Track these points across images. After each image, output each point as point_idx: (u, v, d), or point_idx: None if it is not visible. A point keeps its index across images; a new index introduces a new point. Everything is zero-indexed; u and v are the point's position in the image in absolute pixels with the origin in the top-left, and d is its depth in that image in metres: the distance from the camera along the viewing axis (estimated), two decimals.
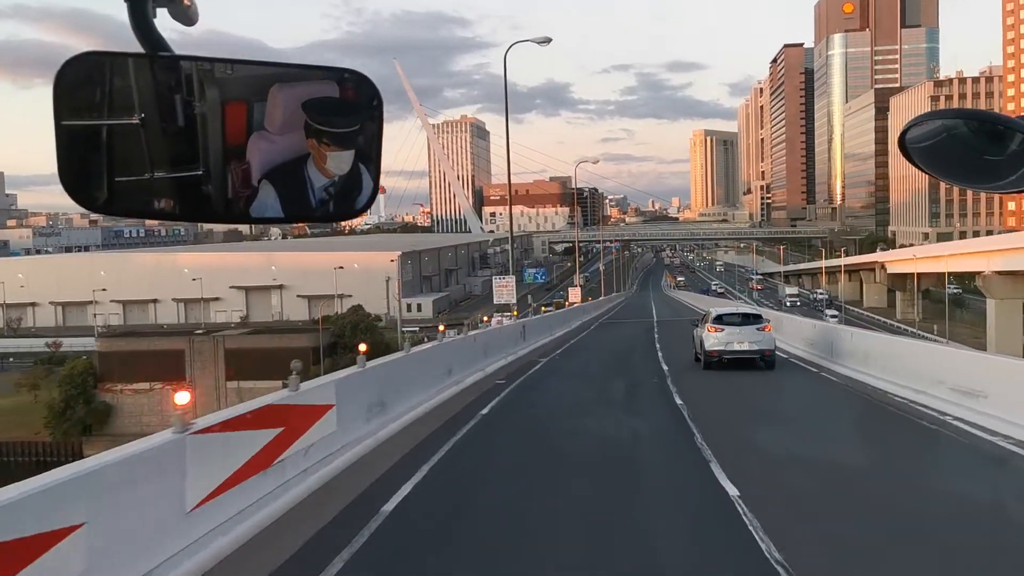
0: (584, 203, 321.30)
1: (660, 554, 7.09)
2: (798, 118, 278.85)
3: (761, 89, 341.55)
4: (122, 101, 1.45)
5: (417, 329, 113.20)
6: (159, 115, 1.45)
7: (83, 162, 1.46)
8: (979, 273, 73.01)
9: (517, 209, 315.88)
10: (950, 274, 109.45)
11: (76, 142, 1.45)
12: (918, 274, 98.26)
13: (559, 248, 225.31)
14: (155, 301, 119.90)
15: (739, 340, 20.62)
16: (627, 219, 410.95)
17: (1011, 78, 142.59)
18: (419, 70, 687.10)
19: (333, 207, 1.55)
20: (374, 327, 72.24)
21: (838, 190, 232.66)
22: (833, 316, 79.52)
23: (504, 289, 35.36)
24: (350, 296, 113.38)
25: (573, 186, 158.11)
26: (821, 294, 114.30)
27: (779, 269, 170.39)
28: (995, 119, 1.47)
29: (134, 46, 1.49)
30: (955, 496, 8.70)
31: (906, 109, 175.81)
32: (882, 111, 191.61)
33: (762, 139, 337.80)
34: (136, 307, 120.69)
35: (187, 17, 1.59)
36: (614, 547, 7.20)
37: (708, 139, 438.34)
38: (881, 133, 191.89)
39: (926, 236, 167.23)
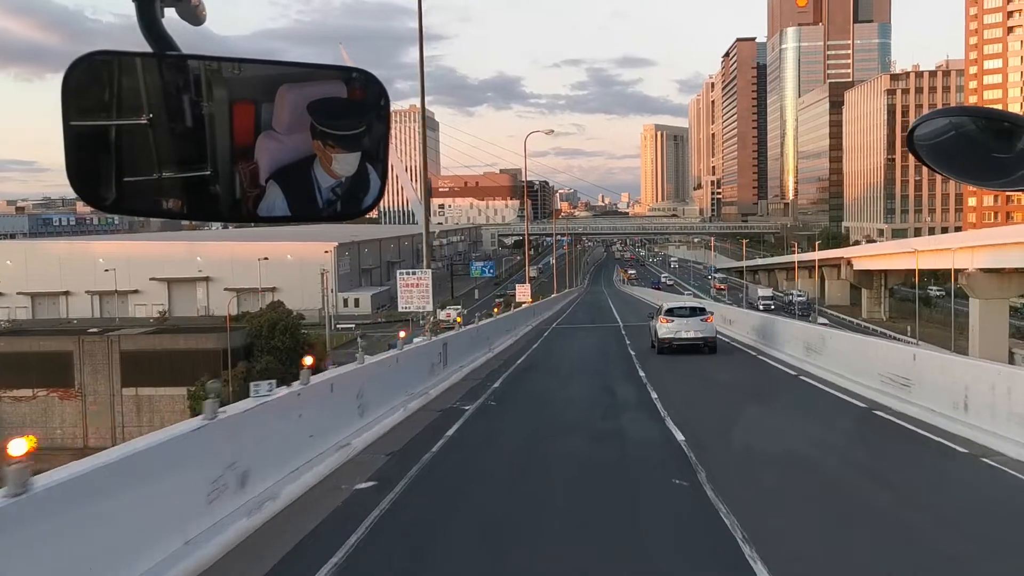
0: (534, 196, 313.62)
1: None
2: (750, 113, 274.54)
3: (713, 84, 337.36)
4: (130, 101, 1.43)
5: (353, 326, 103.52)
6: (167, 115, 1.44)
7: (91, 162, 1.44)
8: (963, 271, 66.21)
9: (467, 201, 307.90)
10: (920, 272, 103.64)
11: (84, 142, 1.43)
12: (886, 271, 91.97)
13: (509, 241, 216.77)
14: (66, 294, 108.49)
15: (686, 329, 23.82)
16: (577, 213, 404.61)
17: (973, 70, 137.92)
18: (369, 61, 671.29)
19: (341, 206, 1.54)
20: (296, 326, 62.73)
21: (790, 185, 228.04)
22: (823, 323, 72.62)
23: (413, 289, 23.29)
24: (279, 290, 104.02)
25: (524, 176, 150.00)
26: (798, 295, 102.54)
27: (736, 264, 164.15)
28: (1002, 117, 1.45)
29: (128, 44, 1.47)
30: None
31: (861, 103, 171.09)
32: (836, 105, 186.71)
33: (713, 134, 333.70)
34: (46, 300, 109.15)
35: (195, 16, 1.57)
36: None
37: (659, 134, 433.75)
38: (835, 128, 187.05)
39: (881, 232, 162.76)
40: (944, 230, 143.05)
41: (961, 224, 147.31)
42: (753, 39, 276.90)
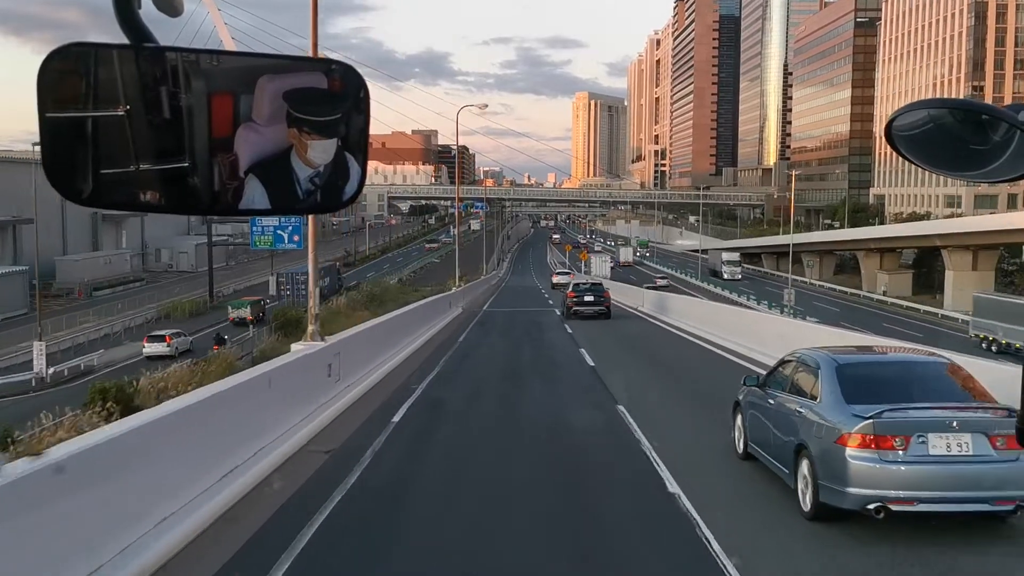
0: (453, 162, 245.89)
1: None
2: (709, 65, 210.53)
3: (658, 40, 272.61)
4: (107, 93, 1.35)
5: None
6: (144, 107, 1.35)
7: (68, 154, 1.36)
8: None
9: (372, 165, 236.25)
10: None
11: (61, 134, 1.35)
12: None
13: (404, 207, 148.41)
14: None
15: (562, 279, 56.34)
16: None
17: None
18: (294, 28, 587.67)
19: (321, 197, 1.45)
20: None
21: (773, 145, 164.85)
22: None
23: None
24: None
25: (456, 145, 79.37)
26: None
27: (727, 245, 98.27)
28: (979, 108, 1.43)
29: (116, 37, 1.39)
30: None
31: (917, 11, 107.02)
32: (864, 25, 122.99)
33: (658, 98, 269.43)
34: None
35: (172, 7, 1.50)
36: None
37: (592, 103, 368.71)
38: (862, 56, 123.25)
39: (953, 201, 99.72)
40: None
41: None
42: None
